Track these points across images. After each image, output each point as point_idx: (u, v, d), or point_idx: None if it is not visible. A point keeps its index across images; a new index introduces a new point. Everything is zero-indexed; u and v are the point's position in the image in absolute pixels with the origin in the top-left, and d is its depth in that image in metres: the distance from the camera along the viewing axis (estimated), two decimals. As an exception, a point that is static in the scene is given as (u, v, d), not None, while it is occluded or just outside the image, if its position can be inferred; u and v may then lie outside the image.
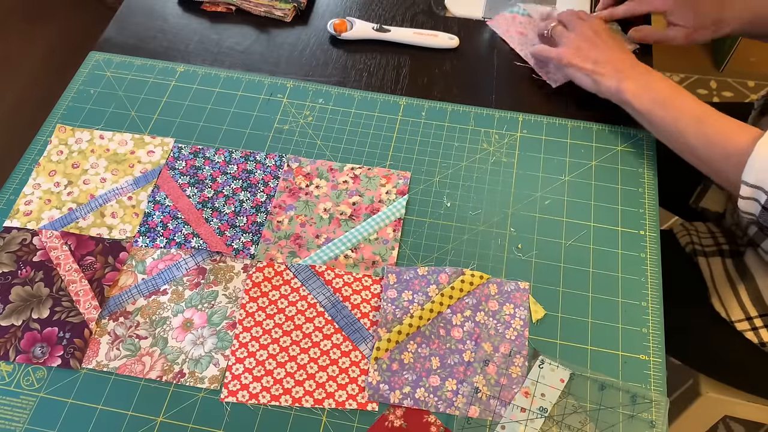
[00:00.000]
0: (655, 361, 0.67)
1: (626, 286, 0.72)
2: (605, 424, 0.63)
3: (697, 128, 0.71)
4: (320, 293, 0.72)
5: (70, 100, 0.88)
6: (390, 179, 0.80)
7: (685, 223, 0.97)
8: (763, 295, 0.81)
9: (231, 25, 0.98)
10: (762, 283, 0.81)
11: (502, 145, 0.83)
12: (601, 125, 0.85)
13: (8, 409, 0.66)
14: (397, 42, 0.95)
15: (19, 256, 0.75)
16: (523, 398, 0.65)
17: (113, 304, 0.71)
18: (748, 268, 0.83)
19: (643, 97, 0.76)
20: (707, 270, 0.88)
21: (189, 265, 0.74)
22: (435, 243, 0.75)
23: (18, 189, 0.80)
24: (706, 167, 0.72)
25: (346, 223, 0.77)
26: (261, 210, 0.78)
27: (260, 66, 0.92)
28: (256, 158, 0.82)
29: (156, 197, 0.79)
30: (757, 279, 0.82)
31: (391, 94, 0.89)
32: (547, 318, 0.70)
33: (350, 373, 0.67)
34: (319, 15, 0.99)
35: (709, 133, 0.70)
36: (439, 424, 0.64)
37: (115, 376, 0.67)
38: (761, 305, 0.82)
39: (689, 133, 0.72)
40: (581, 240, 0.75)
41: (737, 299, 0.83)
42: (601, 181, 0.80)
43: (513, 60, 0.93)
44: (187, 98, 0.88)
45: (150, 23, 0.98)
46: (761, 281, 0.82)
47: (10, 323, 0.70)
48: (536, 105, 0.87)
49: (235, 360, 0.68)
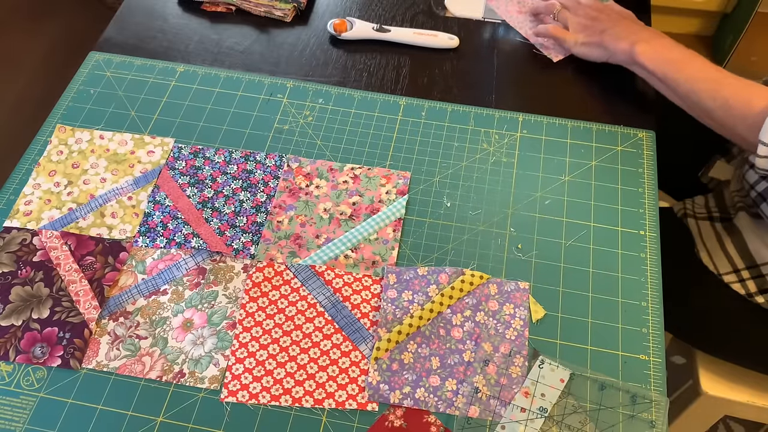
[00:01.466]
0: (655, 361, 0.67)
1: (626, 286, 0.72)
2: (605, 424, 0.63)
3: (714, 91, 0.73)
4: (320, 293, 0.72)
5: (70, 100, 0.88)
6: (390, 179, 0.80)
7: (686, 200, 0.98)
8: (750, 248, 0.83)
9: (231, 25, 0.98)
10: (749, 238, 0.83)
11: (502, 145, 0.83)
12: (601, 125, 0.85)
13: (8, 409, 0.66)
14: (397, 42, 0.95)
15: (19, 256, 0.75)
16: (523, 398, 0.65)
17: (113, 304, 0.71)
18: (737, 227, 0.85)
19: (657, 58, 0.77)
20: (695, 228, 0.91)
21: (189, 265, 0.74)
22: (435, 243, 0.75)
23: (18, 189, 0.80)
24: (722, 128, 0.74)
25: (346, 223, 0.77)
26: (261, 210, 0.78)
27: (260, 66, 0.92)
28: (256, 158, 0.82)
29: (156, 197, 0.79)
30: (744, 236, 0.84)
31: (391, 94, 0.89)
32: (547, 318, 0.70)
33: (350, 373, 0.67)
34: (319, 15, 0.99)
35: (727, 95, 0.72)
36: (439, 424, 0.64)
37: (115, 376, 0.67)
38: (748, 258, 0.83)
39: (705, 96, 0.73)
40: (581, 240, 0.75)
41: (724, 252, 0.85)
42: (601, 181, 0.80)
43: (514, 37, 0.95)
44: (187, 98, 0.88)
45: (150, 23, 0.98)
46: (749, 237, 0.84)
47: (10, 323, 0.70)
48: (536, 105, 0.87)
49: (235, 360, 0.68)
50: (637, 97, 0.89)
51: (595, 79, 0.90)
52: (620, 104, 0.87)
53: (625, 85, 0.89)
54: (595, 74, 0.90)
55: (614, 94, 0.89)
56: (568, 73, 0.91)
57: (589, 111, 0.86)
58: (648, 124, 0.85)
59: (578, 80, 0.90)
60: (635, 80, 0.89)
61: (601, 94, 0.89)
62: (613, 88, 0.89)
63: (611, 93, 0.89)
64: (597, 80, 0.90)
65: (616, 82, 0.90)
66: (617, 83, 0.89)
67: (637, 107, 0.87)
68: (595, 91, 0.89)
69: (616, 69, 0.87)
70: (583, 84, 0.90)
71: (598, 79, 0.90)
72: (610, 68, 0.89)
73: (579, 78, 0.91)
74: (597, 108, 0.85)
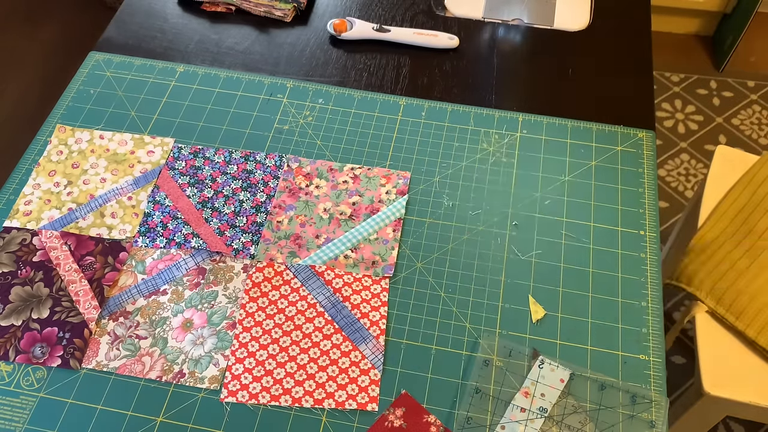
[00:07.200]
0: (655, 361, 0.67)
1: (626, 286, 0.72)
2: (605, 424, 0.63)
3: None
4: (320, 293, 0.72)
5: (70, 100, 0.88)
6: (390, 179, 0.80)
7: None
8: None
9: (231, 25, 0.98)
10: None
11: (502, 145, 0.83)
12: (601, 125, 0.85)
13: (8, 409, 0.66)
14: (397, 42, 0.95)
15: (19, 256, 0.75)
16: (522, 398, 0.65)
17: (113, 304, 0.71)
18: None
19: None
20: None
21: (189, 265, 0.74)
22: (435, 243, 0.75)
23: (18, 189, 0.80)
24: None
25: (346, 223, 0.77)
26: (261, 210, 0.78)
27: (260, 66, 0.92)
28: (256, 158, 0.82)
29: (156, 197, 0.79)
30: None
31: (391, 94, 0.89)
32: (547, 318, 0.70)
33: (350, 373, 0.67)
34: (319, 15, 0.99)
35: None
36: (438, 424, 0.64)
37: (115, 376, 0.67)
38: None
39: None
40: (581, 240, 0.75)
41: None
42: (601, 181, 0.80)
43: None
44: (187, 98, 0.88)
45: (150, 23, 0.98)
46: None
47: (10, 323, 0.70)
48: (536, 105, 0.87)
49: (234, 360, 0.68)
50: (637, 97, 0.89)
51: (595, 79, 0.90)
52: (620, 104, 0.87)
53: (625, 85, 0.89)
54: (595, 74, 0.90)
55: (614, 94, 0.89)
56: (568, 73, 0.91)
57: (589, 111, 0.86)
58: (648, 124, 0.85)
59: (578, 80, 0.90)
60: (635, 80, 0.89)
61: (601, 94, 0.89)
62: (613, 88, 0.89)
63: (611, 93, 0.89)
64: (597, 80, 0.90)
65: (616, 82, 0.90)
66: (617, 83, 0.89)
67: (637, 107, 0.87)
68: (595, 91, 0.89)
69: (615, 69, 0.87)
70: (583, 84, 0.90)
71: (598, 79, 0.90)
72: (610, 68, 0.89)
73: (579, 78, 0.91)
74: (597, 108, 0.85)
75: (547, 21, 0.99)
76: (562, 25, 0.98)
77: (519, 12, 0.99)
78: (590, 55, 0.93)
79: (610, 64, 0.91)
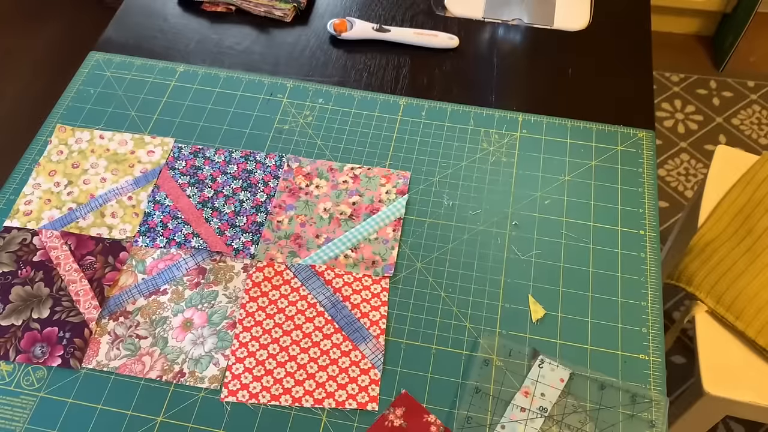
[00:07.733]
0: (655, 360, 0.67)
1: (626, 286, 0.72)
2: (605, 424, 0.63)
3: None
4: (320, 293, 0.72)
5: (70, 100, 0.88)
6: (390, 179, 0.80)
7: None
8: None
9: (231, 25, 0.98)
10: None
11: (502, 145, 0.83)
12: (601, 125, 0.85)
13: (8, 409, 0.66)
14: (397, 42, 0.95)
15: (19, 256, 0.75)
16: (522, 398, 0.65)
17: (113, 303, 0.71)
18: None
19: None
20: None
21: (189, 265, 0.74)
22: (435, 243, 0.75)
23: (18, 189, 0.80)
24: None
25: (346, 223, 0.77)
26: (261, 210, 0.78)
27: (260, 66, 0.92)
28: (256, 158, 0.82)
29: (156, 197, 0.79)
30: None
31: (391, 94, 0.89)
32: (547, 318, 0.70)
33: (350, 372, 0.67)
34: (319, 15, 0.99)
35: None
36: (438, 423, 0.64)
37: (115, 375, 0.67)
38: None
39: None
40: (581, 240, 0.75)
41: None
42: (601, 181, 0.80)
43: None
44: (187, 98, 0.88)
45: (150, 23, 0.98)
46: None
47: (10, 323, 0.70)
48: (536, 105, 0.87)
49: (235, 360, 0.68)
50: (637, 97, 0.89)
51: (595, 79, 0.90)
52: (620, 104, 0.87)
53: (625, 85, 0.89)
54: (595, 74, 0.91)
55: (614, 94, 0.89)
56: (568, 73, 0.91)
57: (589, 111, 0.86)
58: (648, 124, 0.85)
59: (578, 80, 0.90)
60: (635, 80, 0.89)
61: (601, 94, 0.89)
62: (613, 88, 0.89)
63: (611, 93, 0.89)
64: (597, 80, 0.90)
65: (616, 82, 0.90)
66: (617, 83, 0.90)
67: (637, 107, 0.87)
68: (595, 91, 0.89)
69: (615, 69, 0.87)
70: (583, 84, 0.90)
71: (598, 79, 0.90)
72: (610, 68, 0.89)
73: (579, 78, 0.91)
74: (597, 108, 0.85)
75: (547, 21, 0.99)
76: (562, 25, 0.98)
77: (519, 12, 0.99)
78: (590, 55, 0.93)
79: (610, 64, 0.91)
